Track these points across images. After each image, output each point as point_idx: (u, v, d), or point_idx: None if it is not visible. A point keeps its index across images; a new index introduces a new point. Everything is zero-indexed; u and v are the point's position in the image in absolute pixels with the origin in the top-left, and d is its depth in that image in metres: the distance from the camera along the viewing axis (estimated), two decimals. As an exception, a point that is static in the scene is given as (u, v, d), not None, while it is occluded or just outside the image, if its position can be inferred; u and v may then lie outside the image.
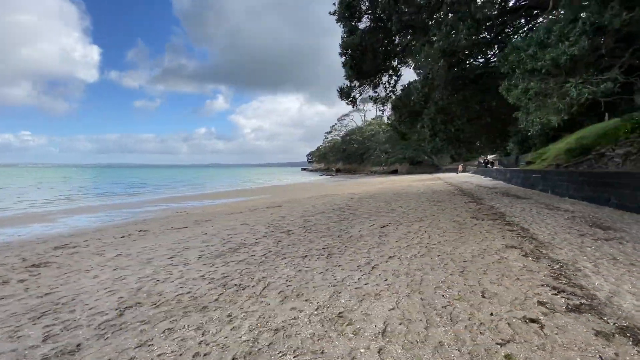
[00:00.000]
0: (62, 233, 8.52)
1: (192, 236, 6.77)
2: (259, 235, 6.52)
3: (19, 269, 4.81)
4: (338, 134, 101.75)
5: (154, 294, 3.51)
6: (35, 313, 3.14)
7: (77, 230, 8.95)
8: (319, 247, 5.29)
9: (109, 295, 3.55)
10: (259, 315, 2.87)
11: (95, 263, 4.96)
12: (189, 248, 5.69)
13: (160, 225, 8.66)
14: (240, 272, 4.14)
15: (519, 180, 17.08)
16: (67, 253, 5.80)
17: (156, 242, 6.44)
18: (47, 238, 7.78)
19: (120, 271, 4.45)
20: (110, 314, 3.04)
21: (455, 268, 3.90)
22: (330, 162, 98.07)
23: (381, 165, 68.88)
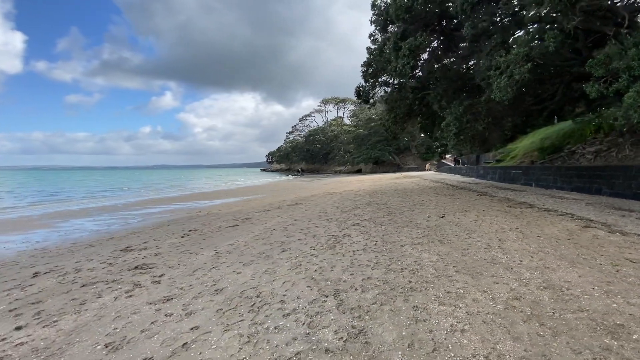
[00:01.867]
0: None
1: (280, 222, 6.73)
2: (347, 224, 6.70)
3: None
4: (299, 134, 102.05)
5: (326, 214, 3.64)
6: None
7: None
8: (423, 235, 5.70)
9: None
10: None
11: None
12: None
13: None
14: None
15: (495, 176, 19.08)
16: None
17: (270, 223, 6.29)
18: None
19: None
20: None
21: (532, 237, 4.61)
22: (292, 162, 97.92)
23: (346, 165, 70.67)
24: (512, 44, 6.62)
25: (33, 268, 5.12)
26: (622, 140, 11.92)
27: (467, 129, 9.29)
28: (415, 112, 18.87)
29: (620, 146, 11.85)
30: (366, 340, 2.40)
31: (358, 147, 63.58)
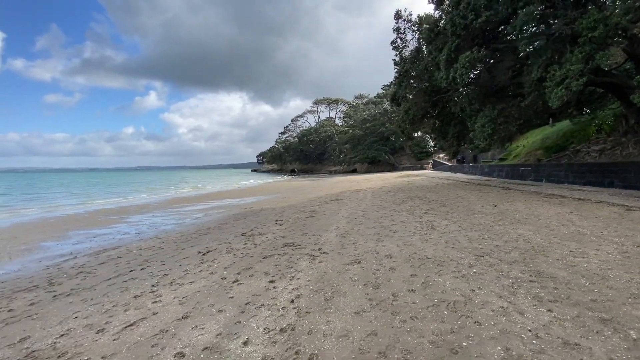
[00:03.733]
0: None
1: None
2: (419, 213, 7.78)
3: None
4: (291, 135, 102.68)
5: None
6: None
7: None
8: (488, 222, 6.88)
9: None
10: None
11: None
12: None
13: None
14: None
15: (502, 173, 20.71)
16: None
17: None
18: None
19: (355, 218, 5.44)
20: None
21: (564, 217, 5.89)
22: (285, 162, 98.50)
23: (341, 165, 71.95)
24: (563, 60, 7.94)
25: (194, 248, 5.97)
26: (625, 139, 13.62)
27: (500, 130, 10.60)
28: (430, 114, 20.27)
29: (623, 145, 13.52)
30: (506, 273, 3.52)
31: (354, 148, 64.95)
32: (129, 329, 2.89)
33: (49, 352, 2.61)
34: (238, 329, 2.74)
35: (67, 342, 2.74)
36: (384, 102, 70.60)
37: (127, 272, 4.83)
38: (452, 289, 3.32)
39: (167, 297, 3.61)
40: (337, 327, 2.67)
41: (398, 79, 15.43)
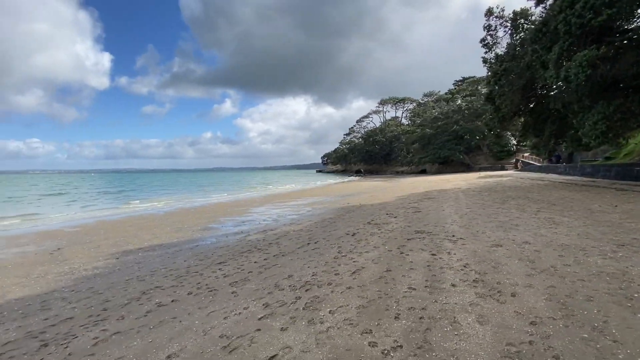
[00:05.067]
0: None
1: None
2: (536, 209, 8.21)
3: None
4: (356, 136, 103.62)
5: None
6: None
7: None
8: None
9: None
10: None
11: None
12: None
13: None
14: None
15: (610, 173, 18.75)
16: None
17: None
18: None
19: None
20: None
21: None
22: (349, 163, 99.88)
23: (409, 165, 70.54)
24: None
25: (337, 231, 7.47)
26: None
27: (617, 127, 10.12)
28: (521, 111, 19.45)
29: None
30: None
31: (423, 147, 63.16)
32: (357, 273, 4.29)
33: (315, 281, 4.11)
34: (440, 279, 3.91)
35: (321, 278, 4.24)
36: (456, 99, 67.26)
37: (305, 244, 6.45)
38: (605, 265, 4.04)
39: (359, 260, 4.99)
40: (518, 281, 3.67)
41: (494, 78, 15.36)
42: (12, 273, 5.84)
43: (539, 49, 11.36)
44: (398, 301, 3.33)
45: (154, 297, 4.10)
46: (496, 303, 3.15)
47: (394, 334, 2.70)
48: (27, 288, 4.92)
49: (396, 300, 3.36)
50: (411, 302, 3.29)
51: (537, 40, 11.28)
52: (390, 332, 2.74)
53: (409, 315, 3.01)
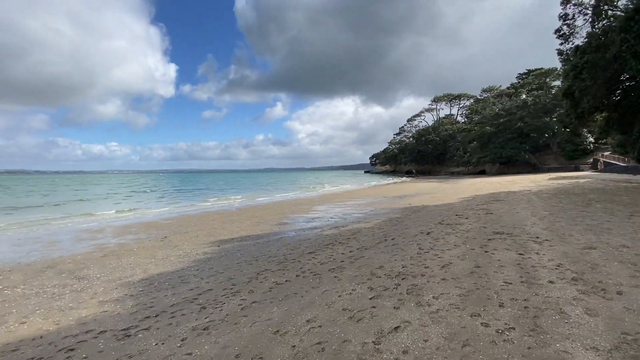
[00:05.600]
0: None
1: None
2: None
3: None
4: (407, 135, 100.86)
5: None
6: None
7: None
8: None
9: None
10: None
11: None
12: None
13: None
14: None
15: None
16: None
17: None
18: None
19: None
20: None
21: None
22: (399, 163, 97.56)
23: (465, 166, 66.85)
24: None
25: (409, 229, 7.79)
26: None
27: None
28: (604, 106, 17.58)
29: None
30: None
31: (482, 146, 59.39)
32: (446, 268, 4.61)
33: (406, 272, 4.52)
34: (535, 276, 4.07)
35: (412, 270, 4.63)
36: (520, 94, 61.97)
37: (382, 240, 6.87)
38: None
39: (444, 256, 5.27)
40: (622, 282, 3.69)
41: (573, 71, 14.20)
42: (140, 254, 7.16)
43: (629, 38, 10.29)
44: (497, 292, 3.60)
45: (268, 277, 4.86)
46: (602, 299, 3.27)
47: (502, 318, 3.02)
48: (159, 267, 6.06)
49: (495, 291, 3.64)
50: (511, 294, 3.55)
51: (627, 29, 10.21)
52: (498, 316, 3.06)
53: (513, 304, 3.28)
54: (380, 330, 2.93)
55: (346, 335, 2.90)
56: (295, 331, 3.05)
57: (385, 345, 2.69)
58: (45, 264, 6.56)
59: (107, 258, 6.90)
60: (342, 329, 3.01)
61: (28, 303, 4.43)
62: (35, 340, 3.28)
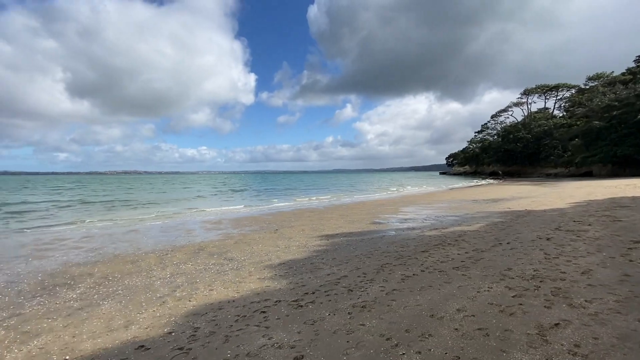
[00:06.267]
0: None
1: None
2: None
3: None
4: (490, 133, 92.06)
5: None
6: None
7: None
8: None
9: None
10: None
11: None
12: None
13: None
14: None
15: None
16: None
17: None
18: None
19: None
20: None
21: None
22: (481, 164, 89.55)
23: (566, 167, 58.17)
24: None
25: (522, 235, 7.46)
26: None
27: None
28: None
29: None
30: None
31: (589, 144, 50.98)
32: (587, 274, 4.41)
33: (542, 276, 4.46)
34: None
35: (547, 274, 4.55)
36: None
37: (497, 244, 6.74)
38: None
39: (580, 262, 5.01)
40: None
41: None
42: (265, 243, 8.31)
43: None
44: (667, 303, 3.40)
45: (394, 270, 5.30)
46: None
47: (682, 327, 2.89)
48: (287, 254, 7.01)
49: (663, 301, 3.43)
50: (686, 306, 3.31)
51: None
52: (677, 325, 2.93)
53: (693, 316, 3.09)
54: (540, 325, 3.10)
55: (505, 325, 3.14)
56: (450, 317, 3.40)
57: (552, 337, 2.86)
58: (195, 247, 8.13)
59: (239, 245, 8.22)
60: (498, 320, 3.25)
61: (204, 276, 5.67)
62: (230, 303, 4.28)
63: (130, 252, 7.73)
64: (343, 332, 3.21)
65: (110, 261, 6.94)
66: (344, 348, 2.90)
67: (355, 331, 3.21)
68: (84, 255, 7.52)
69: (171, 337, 3.36)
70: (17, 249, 8.43)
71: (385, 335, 3.08)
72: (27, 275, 6.01)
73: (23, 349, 3.27)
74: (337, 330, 3.26)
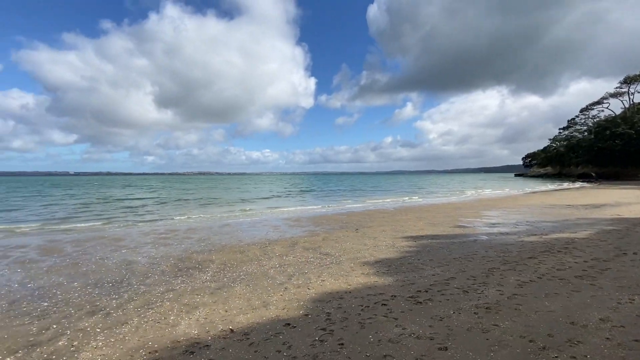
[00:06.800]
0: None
1: None
2: None
3: None
4: (579, 130, 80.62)
5: None
6: None
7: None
8: None
9: None
10: None
11: None
12: None
13: None
14: None
15: None
16: None
17: None
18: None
19: None
20: None
21: None
22: (567, 165, 78.82)
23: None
24: None
25: (647, 246, 6.54)
26: None
27: None
28: None
29: None
30: None
31: None
32: None
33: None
34: None
35: None
36: None
37: (621, 254, 6.02)
38: None
39: None
40: None
41: None
42: (352, 241, 8.60)
43: None
44: None
45: (505, 276, 5.11)
46: None
47: None
48: (379, 253, 7.18)
49: None
50: None
51: None
52: None
53: None
54: None
55: (669, 339, 2.87)
56: (596, 326, 3.22)
57: None
58: (288, 242, 8.78)
59: (327, 241, 8.65)
60: (659, 335, 2.99)
61: (309, 267, 6.15)
62: (348, 294, 4.61)
63: (234, 244, 8.69)
64: (477, 330, 3.27)
65: (220, 250, 7.90)
66: (487, 345, 2.96)
67: (490, 330, 3.24)
68: (197, 245, 8.67)
69: (309, 318, 3.78)
70: (144, 237, 10.07)
71: (527, 338, 3.06)
72: (161, 259, 7.19)
73: (192, 318, 3.99)
74: (471, 328, 3.32)
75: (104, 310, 4.30)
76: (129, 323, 3.86)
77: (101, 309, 4.35)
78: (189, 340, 3.36)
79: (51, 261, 7.11)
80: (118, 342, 3.39)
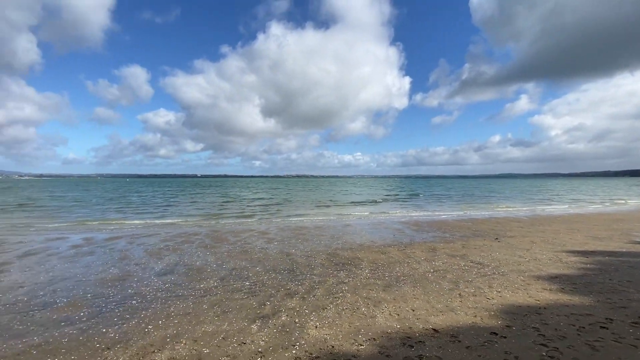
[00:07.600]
0: None
1: None
2: None
3: None
4: None
5: None
6: None
7: None
8: None
9: None
10: None
11: None
12: None
13: None
14: None
15: None
16: None
17: None
18: None
19: None
20: None
21: None
22: None
23: None
24: None
25: None
26: None
27: None
28: None
29: None
30: None
31: None
32: None
33: None
34: None
35: None
36: None
37: None
38: None
39: None
40: None
41: None
42: (499, 252, 7.84)
43: None
44: None
45: None
46: None
47: None
48: (549, 268, 6.36)
49: None
50: None
51: None
52: None
53: None
54: None
55: None
56: None
57: None
58: (424, 246, 8.55)
59: (469, 249, 8.10)
60: None
61: (470, 276, 5.82)
62: (543, 309, 4.18)
63: (368, 244, 8.95)
64: None
65: (360, 249, 8.23)
66: None
67: None
68: (334, 242, 9.23)
69: (516, 330, 3.56)
70: (282, 232, 11.28)
71: None
72: (312, 252, 7.89)
73: (384, 312, 4.22)
74: None
75: (298, 294, 4.94)
76: (328, 308, 4.33)
77: (295, 292, 5.01)
78: (397, 334, 3.56)
79: (225, 248, 8.59)
80: (332, 325, 3.83)
